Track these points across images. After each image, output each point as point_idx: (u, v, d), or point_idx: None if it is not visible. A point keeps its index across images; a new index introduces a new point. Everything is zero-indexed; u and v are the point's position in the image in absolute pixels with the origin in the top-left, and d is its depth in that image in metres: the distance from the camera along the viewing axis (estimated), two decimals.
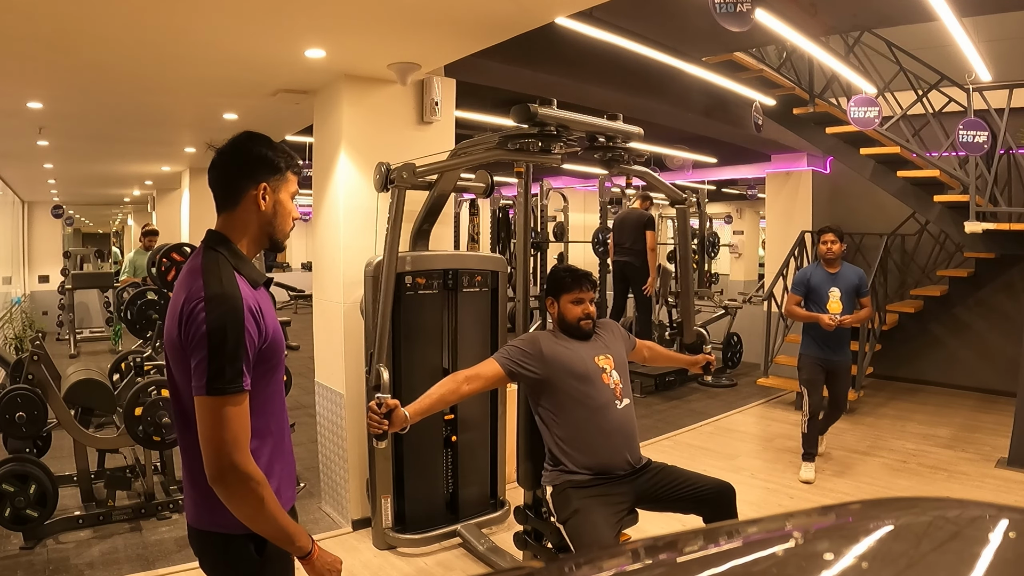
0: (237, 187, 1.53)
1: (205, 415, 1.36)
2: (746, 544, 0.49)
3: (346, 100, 3.61)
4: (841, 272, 4.58)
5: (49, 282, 11.42)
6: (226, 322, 1.37)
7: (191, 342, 1.37)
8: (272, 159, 1.55)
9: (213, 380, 1.35)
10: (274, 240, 1.59)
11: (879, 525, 0.49)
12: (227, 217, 1.55)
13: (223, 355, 1.35)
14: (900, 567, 0.43)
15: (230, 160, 1.55)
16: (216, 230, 1.56)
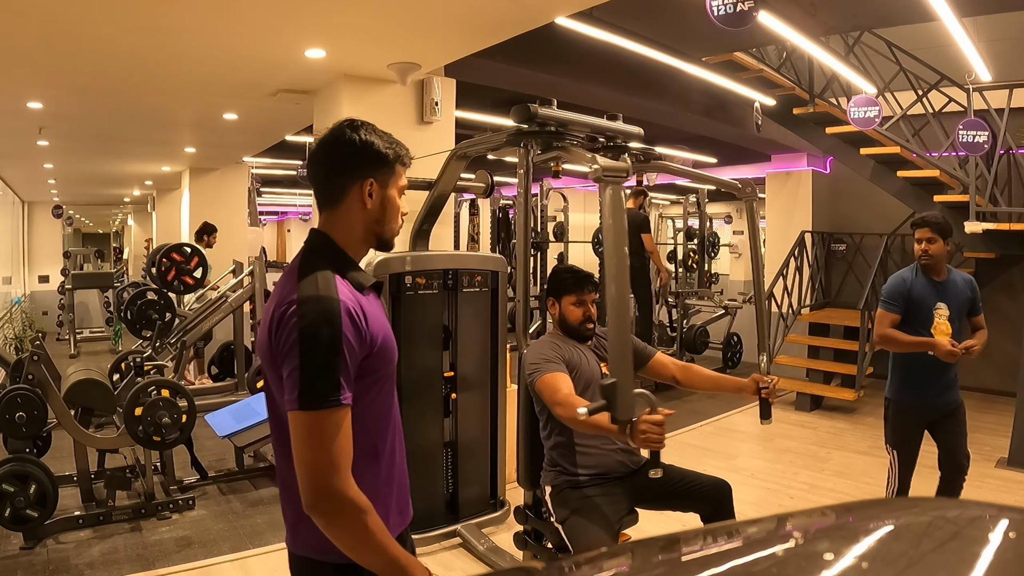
0: (339, 183, 1.39)
1: (298, 432, 1.21)
2: (746, 544, 0.50)
3: (346, 100, 3.61)
4: (950, 282, 3.33)
5: (49, 282, 11.43)
6: (320, 328, 1.21)
7: (282, 350, 1.23)
8: (378, 151, 1.41)
9: (306, 393, 1.20)
10: (382, 240, 1.46)
11: (879, 525, 0.49)
12: (329, 215, 1.41)
13: (316, 365, 1.20)
14: (900, 567, 0.43)
15: (331, 153, 1.41)
16: (318, 229, 1.43)
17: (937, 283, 3.28)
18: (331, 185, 1.40)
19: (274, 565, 3.33)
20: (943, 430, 3.19)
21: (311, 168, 1.43)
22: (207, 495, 4.28)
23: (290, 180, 11.24)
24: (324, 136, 1.42)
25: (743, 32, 3.27)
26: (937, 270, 3.30)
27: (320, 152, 1.41)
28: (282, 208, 19.29)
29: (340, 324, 1.23)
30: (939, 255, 3.26)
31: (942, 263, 3.29)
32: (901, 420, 3.21)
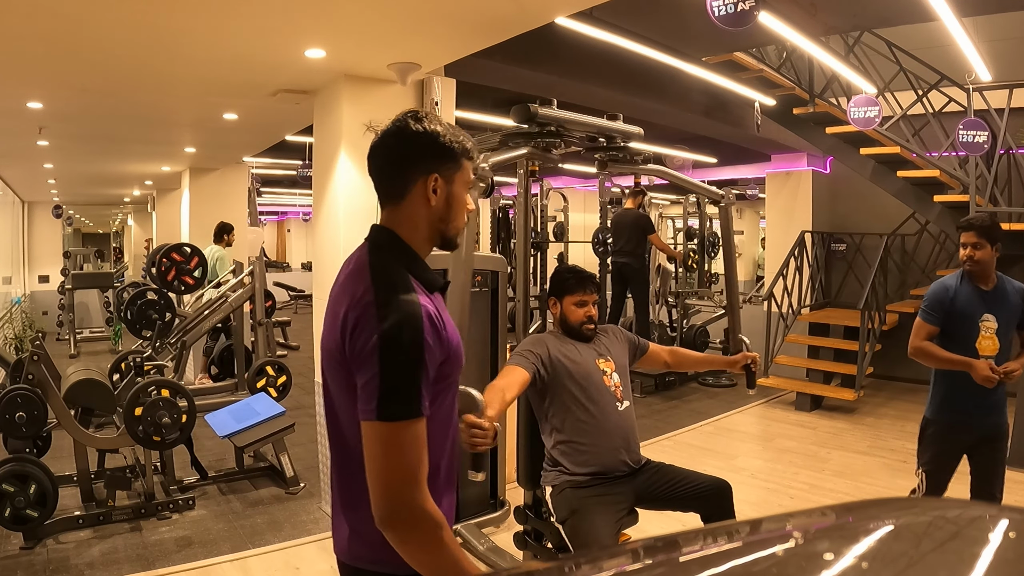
0: (403, 178, 1.32)
1: (375, 445, 1.14)
2: (746, 544, 0.49)
3: (346, 100, 3.61)
4: (999, 290, 2.96)
5: (49, 282, 11.43)
6: (402, 333, 1.15)
7: (358, 357, 1.16)
8: (444, 144, 1.32)
9: (386, 404, 1.12)
10: (447, 238, 1.37)
11: (879, 525, 0.49)
12: (392, 212, 1.35)
13: (398, 373, 1.13)
14: (900, 567, 0.43)
15: (395, 145, 1.33)
16: (382, 226, 1.35)
17: (985, 292, 2.91)
18: (394, 179, 1.34)
19: (274, 565, 3.33)
20: (980, 454, 2.90)
21: (373, 161, 1.37)
22: (207, 495, 4.28)
23: (290, 180, 11.24)
24: (387, 128, 1.35)
25: (743, 32, 3.27)
26: (985, 278, 2.92)
27: (383, 144, 1.35)
28: (282, 208, 19.29)
29: (423, 329, 1.16)
30: (986, 261, 2.89)
31: (990, 270, 2.91)
32: (938, 443, 2.93)
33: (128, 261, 14.51)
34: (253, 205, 8.43)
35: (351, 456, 1.23)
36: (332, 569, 3.39)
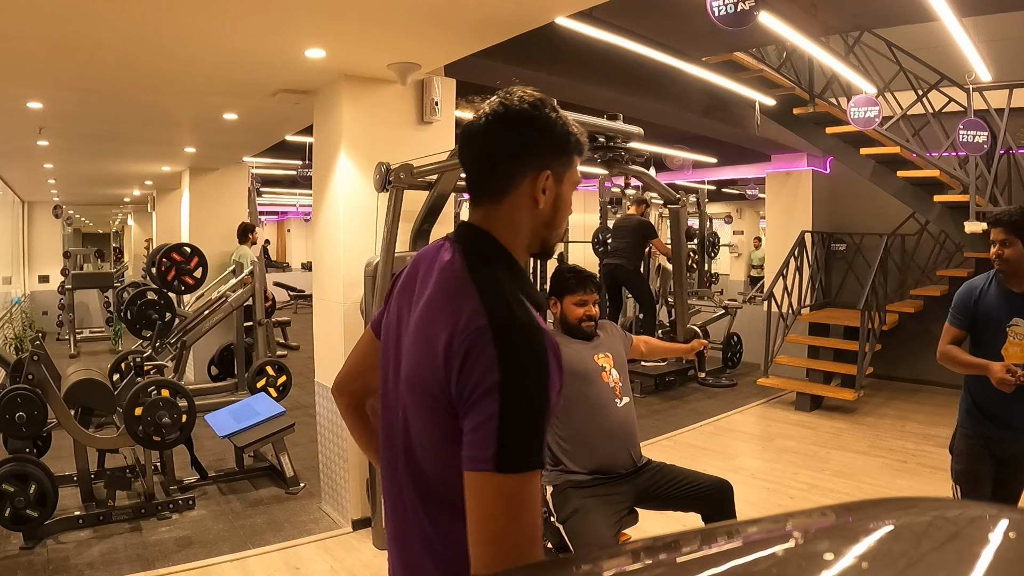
0: (510, 171, 1.10)
1: (492, 500, 0.92)
2: (746, 544, 0.49)
3: (346, 100, 3.61)
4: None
5: (49, 282, 11.43)
6: (529, 372, 0.94)
7: (470, 396, 0.95)
8: (561, 137, 1.11)
9: (508, 452, 0.92)
10: (548, 247, 1.17)
11: (879, 525, 0.49)
12: (490, 211, 1.12)
13: (522, 419, 0.93)
14: (900, 567, 0.43)
15: (508, 133, 1.10)
16: (478, 226, 1.13)
17: (1015, 295, 2.64)
18: (498, 172, 1.11)
19: (274, 565, 3.33)
20: (1009, 474, 2.69)
21: (472, 146, 1.13)
22: (207, 495, 4.28)
23: (290, 180, 11.24)
24: (496, 108, 1.10)
25: (743, 32, 3.27)
26: (1016, 278, 2.64)
27: (489, 128, 1.11)
28: (282, 208, 19.30)
29: (548, 364, 0.96)
30: (1016, 260, 2.59)
31: (1022, 269, 2.63)
32: (967, 453, 2.74)
33: (128, 261, 14.52)
34: (253, 205, 8.43)
35: (441, 501, 1.05)
36: (332, 569, 3.40)
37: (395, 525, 1.16)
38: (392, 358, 1.16)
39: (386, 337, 1.20)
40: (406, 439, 1.10)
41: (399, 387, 1.12)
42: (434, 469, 1.06)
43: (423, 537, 1.09)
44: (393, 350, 1.16)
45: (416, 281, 1.15)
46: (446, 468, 1.02)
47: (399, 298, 1.19)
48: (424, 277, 1.13)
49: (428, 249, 1.19)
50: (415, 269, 1.17)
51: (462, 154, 1.15)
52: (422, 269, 1.15)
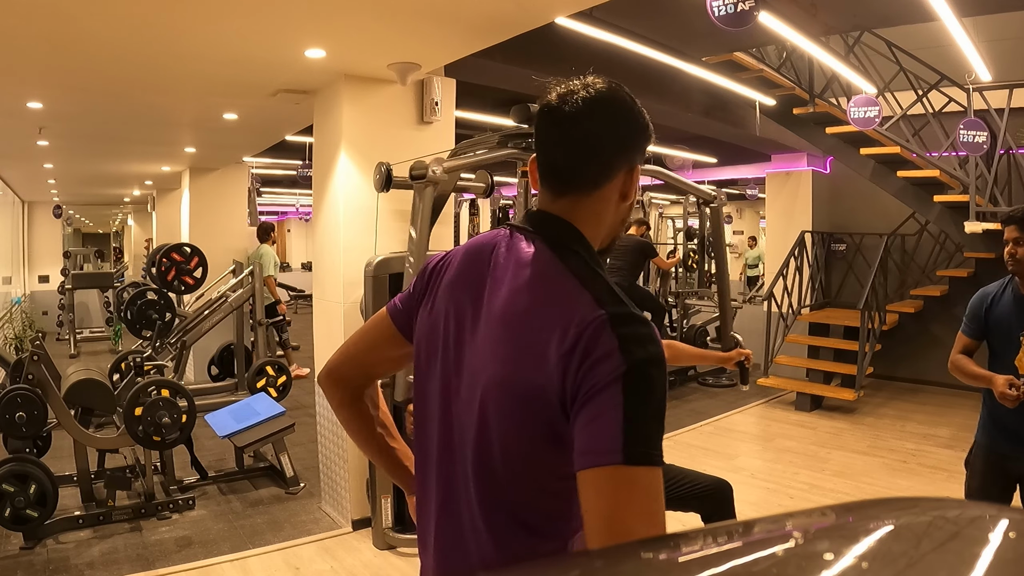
0: (612, 162, 1.04)
1: (624, 495, 0.85)
2: (746, 544, 0.49)
3: (346, 100, 3.61)
4: None
5: (49, 282, 11.43)
6: (653, 365, 0.90)
7: (590, 388, 0.89)
8: (649, 134, 1.09)
9: (636, 444, 0.85)
10: (612, 245, 1.13)
11: (879, 525, 0.49)
12: (576, 202, 1.05)
13: (647, 411, 0.88)
14: (900, 567, 0.43)
15: (614, 119, 1.05)
16: (561, 218, 1.05)
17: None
18: (598, 161, 1.04)
19: (274, 565, 3.33)
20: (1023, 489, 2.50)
21: (573, 129, 1.04)
22: (207, 495, 4.28)
23: (290, 180, 11.23)
24: (602, 90, 1.06)
25: (743, 32, 3.27)
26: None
27: (597, 111, 1.04)
28: (282, 208, 19.30)
29: (663, 356, 0.92)
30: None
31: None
32: (980, 469, 2.58)
33: (128, 261, 14.52)
34: (253, 205, 8.44)
35: (516, 520, 0.99)
36: (332, 569, 3.40)
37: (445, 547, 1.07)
38: (451, 361, 1.06)
39: (430, 337, 1.10)
40: (481, 452, 1.00)
41: (473, 392, 1.01)
42: (515, 482, 0.98)
43: (483, 563, 1.01)
44: (453, 352, 1.06)
45: (480, 275, 1.05)
46: (532, 480, 0.97)
47: (453, 294, 1.08)
48: (497, 271, 1.04)
49: (482, 242, 1.11)
50: (473, 262, 1.08)
51: (551, 135, 1.06)
52: (488, 262, 1.06)
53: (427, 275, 1.17)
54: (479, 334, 1.02)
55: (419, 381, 1.14)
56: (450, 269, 1.12)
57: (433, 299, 1.12)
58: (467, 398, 1.02)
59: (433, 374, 1.10)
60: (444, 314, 1.09)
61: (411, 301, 1.18)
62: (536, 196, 1.11)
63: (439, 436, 1.08)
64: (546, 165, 1.07)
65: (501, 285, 1.02)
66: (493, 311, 1.01)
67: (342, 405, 1.27)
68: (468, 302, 1.06)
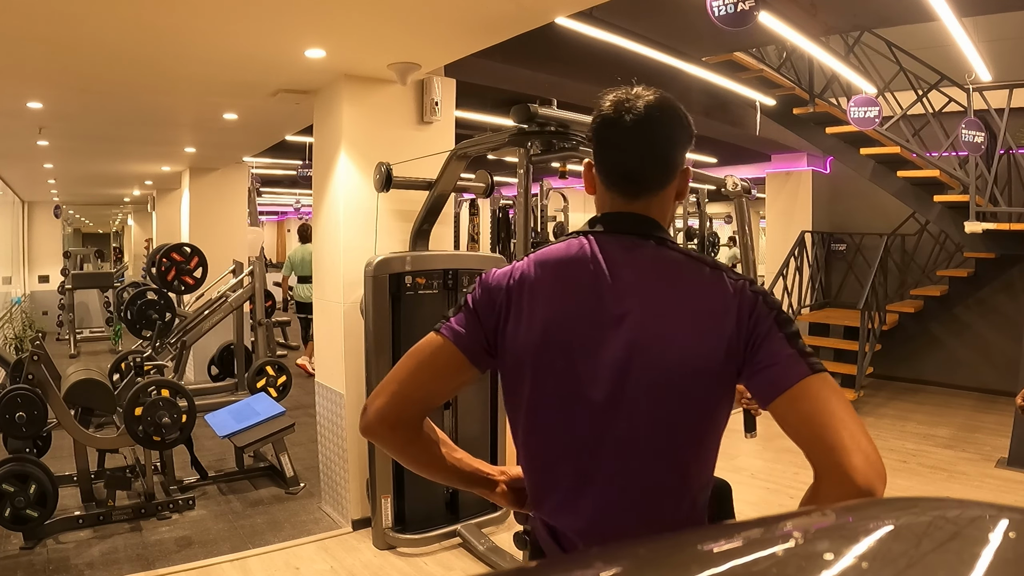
0: (676, 162, 1.15)
1: (827, 392, 1.04)
2: (746, 544, 0.49)
3: (346, 100, 3.61)
4: None
5: (49, 282, 11.43)
6: (778, 303, 1.11)
7: (758, 337, 1.05)
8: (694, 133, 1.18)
9: (810, 358, 1.04)
10: None
11: (879, 525, 0.49)
12: (649, 202, 1.15)
13: (798, 333, 1.07)
14: (900, 567, 0.43)
15: (676, 122, 1.13)
16: (649, 217, 1.15)
17: None
18: (668, 162, 1.14)
19: (274, 565, 3.33)
20: None
21: (647, 133, 1.12)
22: (207, 495, 4.28)
23: (290, 180, 11.24)
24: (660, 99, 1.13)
25: (743, 32, 3.27)
26: None
27: (666, 115, 1.12)
28: (282, 208, 19.31)
29: None
30: None
31: None
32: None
33: (128, 261, 14.53)
34: (253, 205, 8.44)
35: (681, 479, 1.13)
36: (332, 569, 3.40)
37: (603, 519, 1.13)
38: (586, 360, 1.09)
39: (542, 346, 1.11)
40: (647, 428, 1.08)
41: (639, 387, 1.07)
42: (691, 454, 1.11)
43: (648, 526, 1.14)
44: (587, 352, 1.09)
45: (592, 277, 1.10)
46: (685, 446, 1.10)
47: (561, 300, 1.11)
48: (618, 269, 1.10)
49: (566, 250, 1.14)
50: (571, 268, 1.13)
51: (623, 141, 1.12)
52: (591, 265, 1.11)
53: (504, 293, 1.15)
54: (624, 329, 1.07)
55: (523, 391, 1.14)
56: (539, 281, 1.13)
57: (527, 312, 1.13)
58: (628, 401, 1.08)
59: (550, 379, 1.11)
60: (557, 321, 1.11)
61: (479, 323, 1.16)
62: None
63: (576, 428, 1.11)
64: (618, 169, 1.15)
65: (634, 281, 1.09)
66: (650, 304, 1.08)
67: (408, 444, 1.22)
68: (591, 304, 1.10)
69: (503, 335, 1.14)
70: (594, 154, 1.18)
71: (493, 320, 1.15)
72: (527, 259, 1.17)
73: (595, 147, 1.18)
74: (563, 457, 1.14)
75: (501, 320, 1.14)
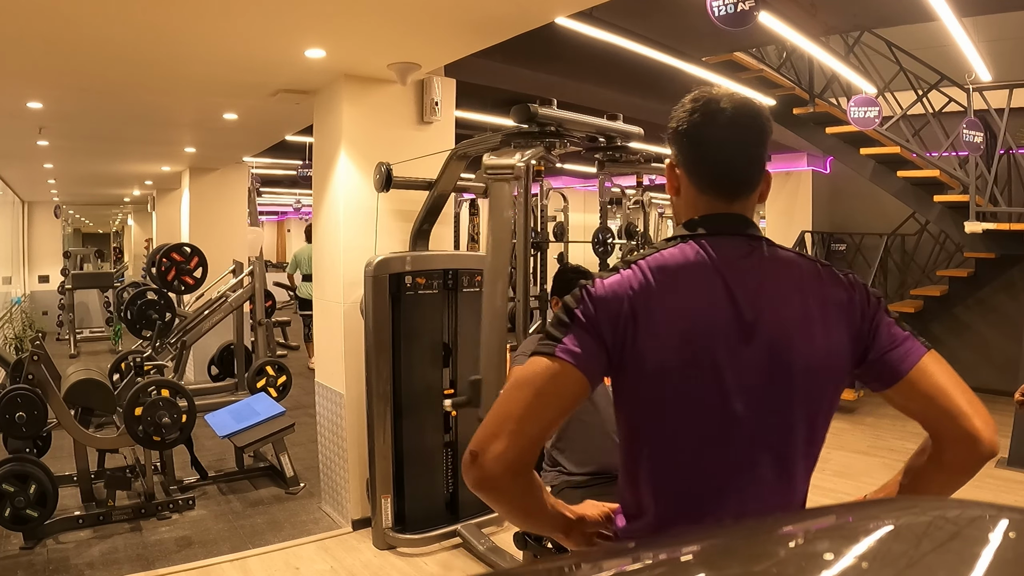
0: (765, 160, 1.17)
1: (943, 364, 1.13)
2: (746, 544, 0.49)
3: (346, 100, 3.61)
4: None
5: (49, 282, 11.43)
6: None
7: (875, 324, 1.10)
8: None
9: (917, 334, 1.13)
10: None
11: (879, 525, 0.49)
12: (746, 205, 1.16)
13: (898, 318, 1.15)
14: (900, 567, 0.43)
15: (766, 119, 1.15)
16: (751, 220, 1.17)
17: None
18: (760, 160, 1.15)
19: (274, 565, 3.33)
20: None
21: (752, 134, 1.13)
22: (207, 495, 4.28)
23: (290, 180, 11.24)
24: (748, 97, 1.14)
25: (743, 32, 3.27)
26: None
27: (757, 113, 1.13)
28: (282, 208, 19.30)
29: None
30: None
31: None
32: None
33: (128, 261, 14.52)
34: (253, 205, 8.43)
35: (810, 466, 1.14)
36: (332, 569, 3.40)
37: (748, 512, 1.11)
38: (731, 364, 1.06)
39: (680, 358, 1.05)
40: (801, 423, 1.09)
41: (787, 388, 1.06)
42: (813, 440, 1.12)
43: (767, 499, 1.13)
44: (733, 355, 1.06)
45: (720, 284, 1.07)
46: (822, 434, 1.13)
47: (692, 310, 1.06)
48: (740, 277, 1.08)
49: (687, 257, 1.10)
50: (696, 276, 1.08)
51: (724, 136, 1.11)
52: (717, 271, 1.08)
53: (627, 304, 1.05)
54: (761, 334, 1.06)
55: (660, 405, 1.09)
56: (664, 290, 1.07)
57: (657, 323, 1.05)
58: (782, 402, 1.07)
59: (693, 390, 1.06)
60: (696, 331, 1.06)
61: (599, 339, 1.05)
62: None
63: (723, 438, 1.07)
64: (718, 169, 1.14)
65: (759, 284, 1.08)
66: (781, 306, 1.08)
67: (527, 493, 1.11)
68: (725, 311, 1.06)
69: (631, 349, 1.05)
70: (683, 155, 1.15)
71: (618, 335, 1.05)
72: (638, 267, 1.08)
73: (687, 148, 1.14)
74: (706, 468, 1.09)
75: (627, 334, 1.05)
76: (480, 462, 1.03)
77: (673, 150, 1.17)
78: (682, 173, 1.17)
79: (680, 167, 1.17)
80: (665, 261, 1.09)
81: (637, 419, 1.13)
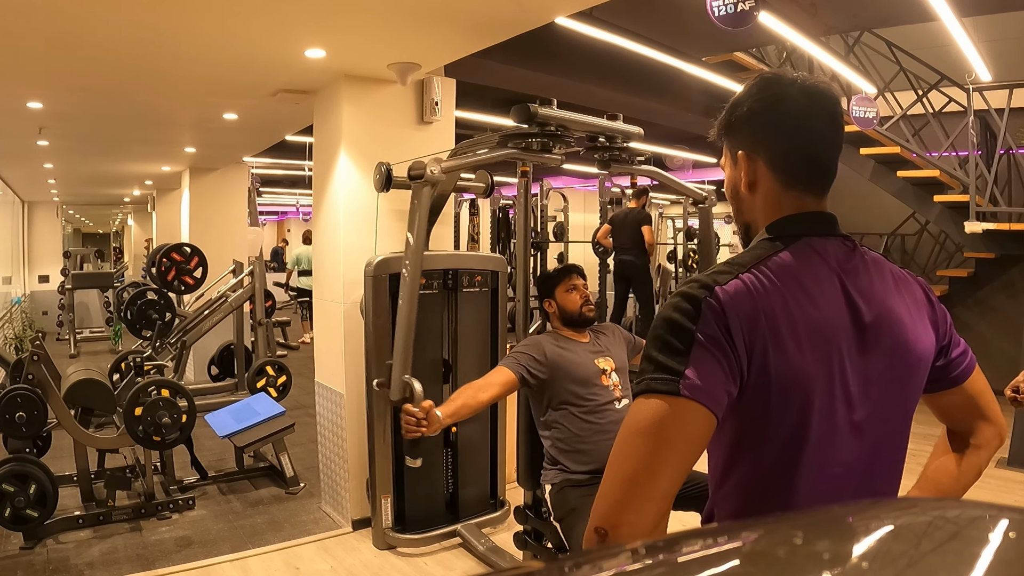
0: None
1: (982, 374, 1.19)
2: (747, 544, 0.49)
3: (346, 100, 3.61)
4: None
5: (49, 282, 11.43)
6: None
7: (947, 324, 1.16)
8: None
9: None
10: None
11: (879, 525, 0.49)
12: (824, 201, 1.08)
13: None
14: (900, 567, 0.43)
15: (840, 104, 1.10)
16: (836, 218, 1.09)
17: None
18: (841, 151, 1.11)
19: (274, 565, 3.33)
20: None
21: (835, 117, 1.06)
22: (207, 495, 4.28)
23: (290, 180, 11.24)
24: (832, 86, 1.12)
25: (743, 32, 3.27)
26: None
27: (836, 97, 1.08)
28: (282, 208, 19.30)
29: None
30: None
31: None
32: None
33: (128, 261, 14.53)
34: (253, 205, 8.44)
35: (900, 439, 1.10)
36: (332, 569, 3.40)
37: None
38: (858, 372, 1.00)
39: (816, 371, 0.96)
40: (904, 429, 1.09)
41: (902, 392, 1.05)
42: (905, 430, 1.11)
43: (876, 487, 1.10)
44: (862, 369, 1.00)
45: (833, 290, 1.00)
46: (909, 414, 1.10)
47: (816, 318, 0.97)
48: (852, 280, 1.02)
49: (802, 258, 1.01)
50: (811, 284, 0.99)
51: (815, 123, 1.03)
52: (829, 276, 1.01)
53: (761, 315, 0.94)
54: (879, 338, 1.02)
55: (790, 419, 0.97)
56: (790, 295, 0.97)
57: (788, 332, 0.95)
58: (886, 396, 1.04)
59: (825, 402, 0.98)
60: (824, 338, 0.98)
61: (729, 359, 0.92)
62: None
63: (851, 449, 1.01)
64: (810, 162, 1.04)
65: (868, 286, 1.04)
66: (888, 307, 1.04)
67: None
68: (846, 316, 1.00)
69: (763, 364, 0.93)
70: (761, 141, 1.03)
71: (757, 349, 0.93)
72: (754, 272, 0.97)
73: (768, 131, 1.03)
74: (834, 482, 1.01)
75: (761, 348, 0.93)
76: (615, 542, 0.87)
77: (744, 139, 1.05)
78: (762, 164, 1.03)
79: (759, 156, 1.03)
80: (785, 264, 0.99)
81: (750, 434, 1.02)
